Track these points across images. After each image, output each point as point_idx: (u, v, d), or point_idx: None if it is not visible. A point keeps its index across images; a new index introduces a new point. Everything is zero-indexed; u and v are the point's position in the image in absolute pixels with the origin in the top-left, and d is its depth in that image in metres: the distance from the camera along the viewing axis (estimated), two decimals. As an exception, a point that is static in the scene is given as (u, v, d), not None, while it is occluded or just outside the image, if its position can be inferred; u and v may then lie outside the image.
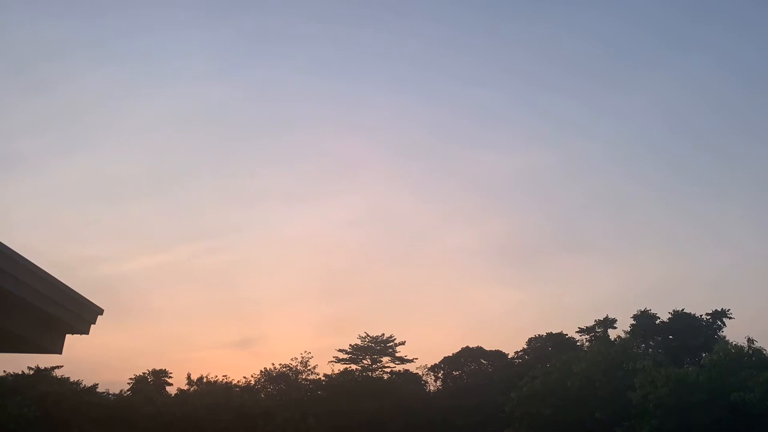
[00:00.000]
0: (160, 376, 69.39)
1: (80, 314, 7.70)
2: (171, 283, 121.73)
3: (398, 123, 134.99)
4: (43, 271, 6.88)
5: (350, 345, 78.69)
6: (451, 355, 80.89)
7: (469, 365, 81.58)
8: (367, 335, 78.44)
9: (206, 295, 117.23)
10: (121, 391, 59.20)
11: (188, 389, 57.55)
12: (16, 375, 52.40)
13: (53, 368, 54.69)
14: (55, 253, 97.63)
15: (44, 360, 52.71)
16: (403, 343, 78.78)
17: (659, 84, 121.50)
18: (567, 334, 75.70)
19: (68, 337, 8.10)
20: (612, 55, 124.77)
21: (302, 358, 74.35)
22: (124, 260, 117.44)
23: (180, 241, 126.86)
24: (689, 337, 63.41)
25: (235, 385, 61.66)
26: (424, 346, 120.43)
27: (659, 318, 67.26)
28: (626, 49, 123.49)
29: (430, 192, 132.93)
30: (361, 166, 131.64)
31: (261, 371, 73.10)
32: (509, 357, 79.72)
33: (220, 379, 59.37)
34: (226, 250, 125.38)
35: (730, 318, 66.02)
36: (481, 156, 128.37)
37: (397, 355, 78.49)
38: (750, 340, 47.29)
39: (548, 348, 75.20)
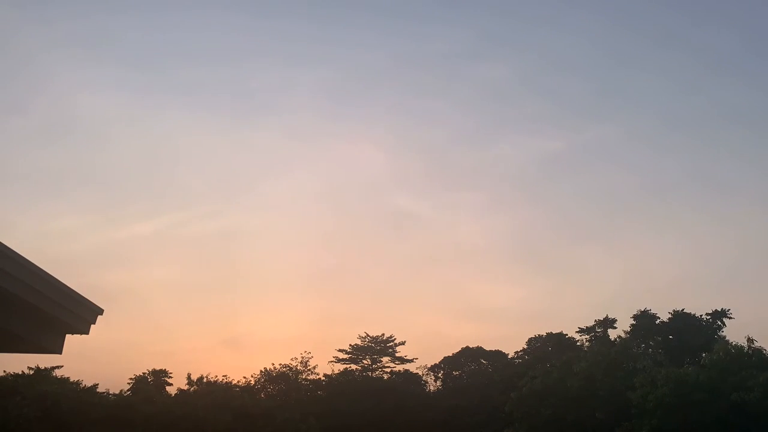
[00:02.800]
0: (160, 376, 69.49)
1: (80, 314, 7.71)
2: (151, 259, 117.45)
3: (399, 111, 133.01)
4: (43, 271, 6.89)
5: (350, 345, 78.87)
6: (451, 355, 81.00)
7: (469, 365, 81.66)
8: (367, 335, 78.56)
9: (192, 274, 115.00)
10: (121, 391, 59.20)
11: (188, 389, 57.55)
12: (16, 375, 52.39)
13: (53, 368, 54.78)
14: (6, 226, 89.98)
15: (44, 360, 52.72)
16: (403, 343, 79.02)
17: (658, 81, 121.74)
18: (567, 334, 75.76)
19: (68, 337, 8.11)
20: (617, 47, 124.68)
21: (302, 358, 74.45)
22: (94, 233, 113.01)
23: (164, 209, 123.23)
24: (689, 337, 63.37)
25: (235, 385, 61.68)
26: (424, 345, 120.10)
27: (659, 318, 67.26)
28: (625, 48, 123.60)
29: (431, 185, 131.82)
30: (359, 153, 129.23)
31: (261, 371, 73.20)
32: (509, 357, 79.76)
33: (220, 379, 59.45)
34: (214, 220, 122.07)
35: (730, 318, 66.05)
36: (482, 147, 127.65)
37: (397, 355, 78.64)
38: (750, 340, 47.30)
39: (548, 348, 75.21)
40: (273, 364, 73.73)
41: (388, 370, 78.30)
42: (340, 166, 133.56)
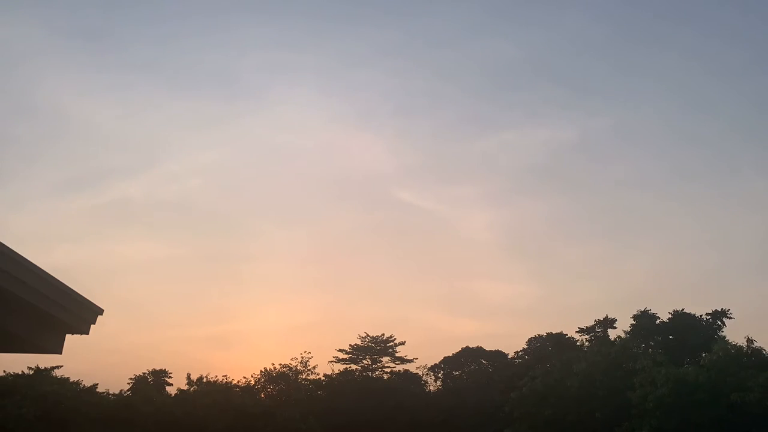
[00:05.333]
0: (160, 376, 69.61)
1: (80, 314, 7.72)
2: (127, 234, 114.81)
3: (399, 93, 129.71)
4: (43, 271, 6.89)
5: (350, 345, 79.02)
6: (451, 355, 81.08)
7: (469, 365, 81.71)
8: (367, 335, 78.69)
9: (182, 263, 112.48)
10: (121, 391, 59.26)
11: (188, 389, 57.56)
12: (15, 375, 52.38)
13: (53, 368, 54.78)
14: None
15: (44, 360, 52.73)
16: (403, 343, 79.13)
17: (658, 78, 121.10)
18: (567, 334, 75.71)
19: (68, 337, 8.12)
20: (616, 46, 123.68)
21: (302, 358, 74.48)
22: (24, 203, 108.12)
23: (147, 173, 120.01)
24: (689, 337, 63.35)
25: (235, 385, 61.75)
26: (424, 342, 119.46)
27: (659, 318, 67.23)
28: (620, 51, 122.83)
29: (432, 178, 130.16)
30: (358, 143, 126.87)
31: (261, 371, 73.22)
32: (509, 357, 79.78)
33: (220, 379, 59.50)
34: (210, 216, 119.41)
35: (730, 318, 66.01)
36: (483, 137, 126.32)
37: (397, 355, 78.73)
38: (749, 340, 47.29)
39: (548, 348, 75.19)
40: (273, 364, 73.83)
41: (388, 370, 78.48)
42: (337, 158, 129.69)
